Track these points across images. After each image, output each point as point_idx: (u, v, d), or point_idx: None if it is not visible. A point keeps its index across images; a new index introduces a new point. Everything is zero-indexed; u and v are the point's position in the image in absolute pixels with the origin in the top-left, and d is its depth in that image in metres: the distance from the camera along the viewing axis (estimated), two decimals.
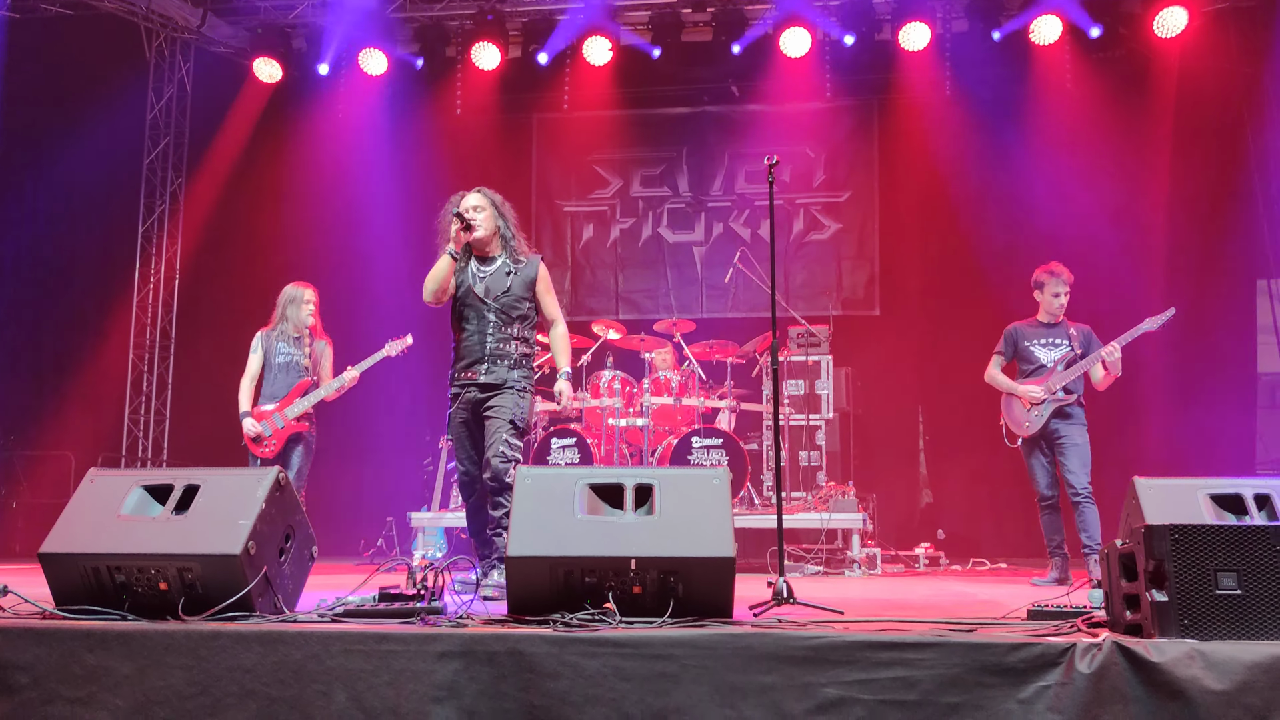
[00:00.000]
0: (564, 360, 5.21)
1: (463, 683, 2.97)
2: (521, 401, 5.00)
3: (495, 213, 5.20)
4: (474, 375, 5.04)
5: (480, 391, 5.02)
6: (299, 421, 6.77)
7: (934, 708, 2.85)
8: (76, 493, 3.72)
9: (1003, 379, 6.74)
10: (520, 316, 5.12)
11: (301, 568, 3.82)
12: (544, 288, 5.22)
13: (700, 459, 7.79)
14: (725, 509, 3.46)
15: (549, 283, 5.26)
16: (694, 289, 10.70)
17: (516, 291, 5.10)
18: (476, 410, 5.04)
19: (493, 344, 5.05)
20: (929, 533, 9.14)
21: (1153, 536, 2.94)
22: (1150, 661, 2.79)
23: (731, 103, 10.74)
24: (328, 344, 7.02)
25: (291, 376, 6.82)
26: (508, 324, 5.08)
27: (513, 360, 5.05)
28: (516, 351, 5.07)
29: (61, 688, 3.07)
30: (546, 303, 5.24)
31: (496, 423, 4.94)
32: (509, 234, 5.20)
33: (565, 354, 5.23)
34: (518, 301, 5.11)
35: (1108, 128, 9.54)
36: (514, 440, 4.93)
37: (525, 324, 5.15)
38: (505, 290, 5.09)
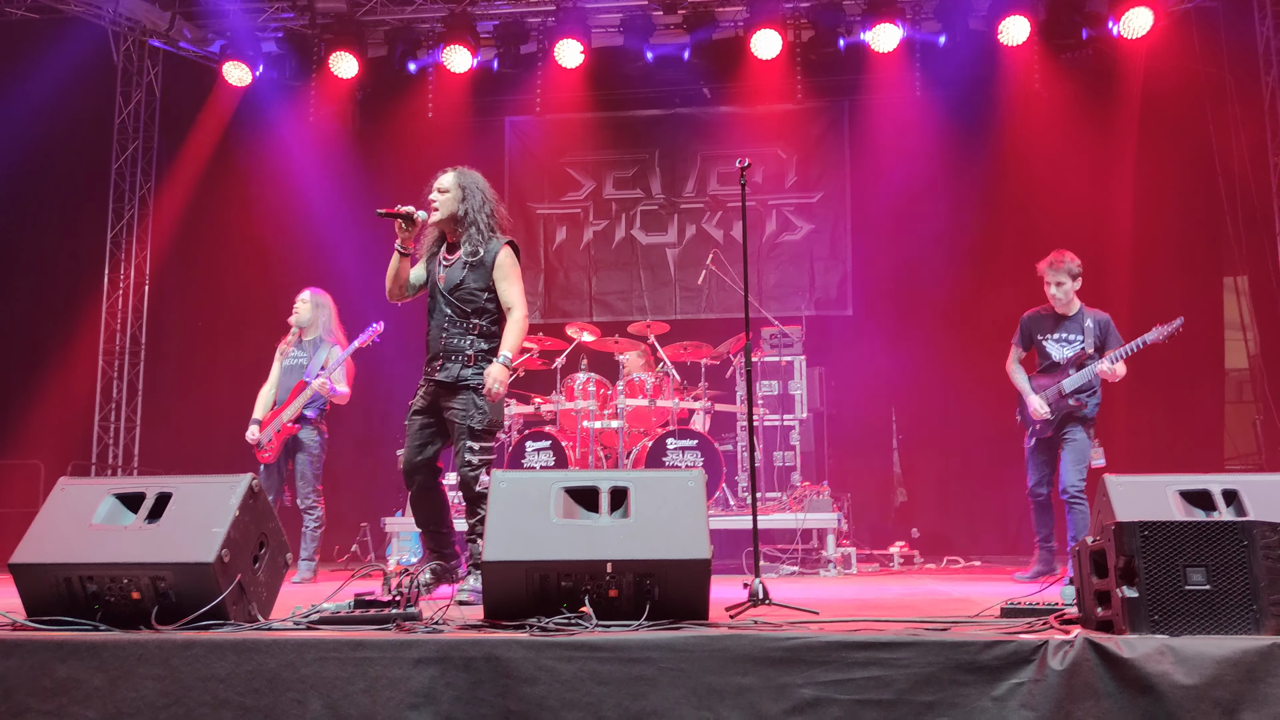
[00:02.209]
0: (505, 344, 4.83)
1: (439, 689, 2.96)
2: (480, 402, 4.76)
3: (461, 196, 4.93)
4: (433, 372, 4.88)
5: (438, 388, 4.86)
6: (293, 423, 6.84)
7: (909, 706, 2.87)
8: (47, 502, 3.68)
9: (1019, 379, 6.60)
10: (477, 310, 4.87)
11: (276, 575, 3.80)
12: (501, 274, 4.89)
13: (675, 460, 7.80)
14: (700, 511, 3.47)
15: (509, 269, 4.91)
16: (667, 290, 10.71)
17: (470, 284, 4.85)
18: (434, 404, 4.88)
19: (446, 339, 4.85)
20: (903, 531, 9.19)
21: (1123, 533, 2.97)
22: (1121, 657, 2.82)
23: (703, 104, 10.77)
24: (336, 347, 7.05)
25: (292, 379, 6.92)
26: (462, 318, 4.85)
27: (467, 357, 4.81)
28: (472, 348, 4.83)
29: (32, 700, 3.04)
30: (503, 289, 4.89)
31: (456, 429, 4.79)
32: (475, 219, 4.91)
33: (509, 339, 4.84)
34: (472, 294, 4.86)
35: (1075, 127, 9.62)
36: (477, 445, 4.76)
37: (485, 317, 4.89)
38: (459, 283, 4.86)
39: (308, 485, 6.89)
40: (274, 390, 7.05)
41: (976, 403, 9.27)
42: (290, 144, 10.64)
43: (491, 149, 11.09)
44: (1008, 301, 8.58)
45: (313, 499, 6.90)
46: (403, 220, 4.87)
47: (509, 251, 4.95)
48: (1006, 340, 6.91)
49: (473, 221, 4.91)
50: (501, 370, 4.76)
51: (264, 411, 6.99)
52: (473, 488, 4.74)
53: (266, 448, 6.87)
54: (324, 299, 7.16)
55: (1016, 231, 9.54)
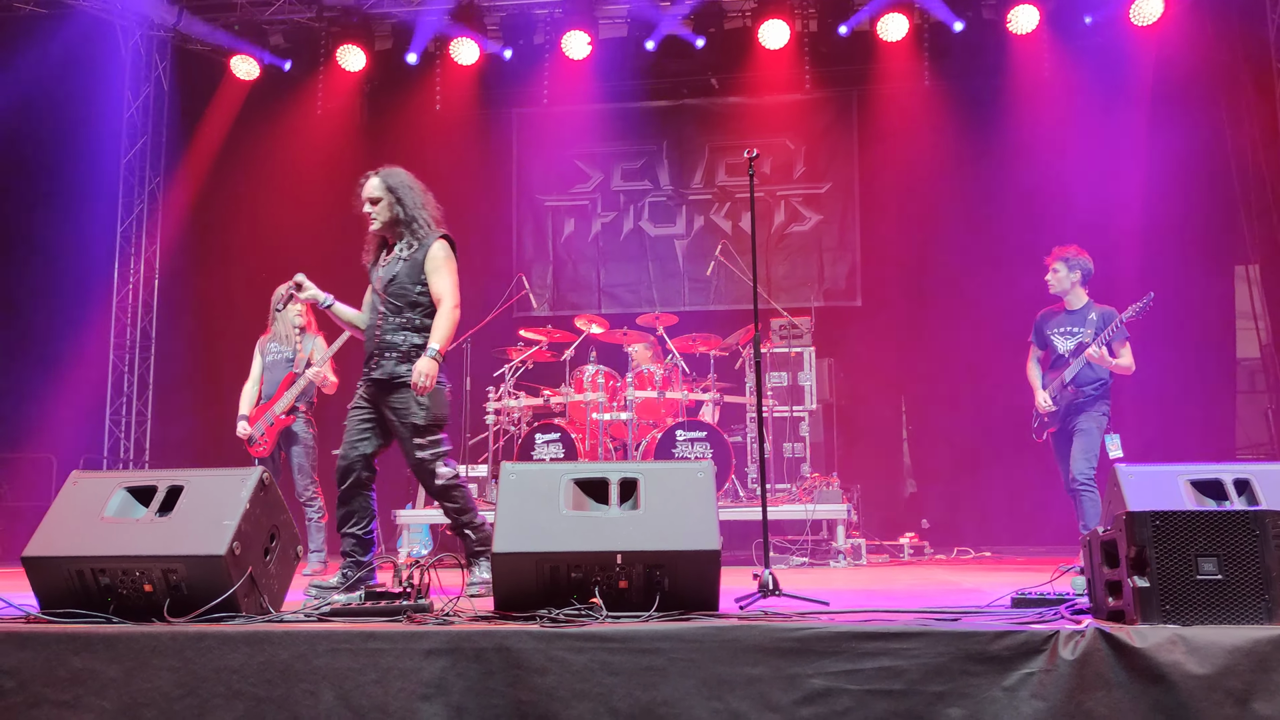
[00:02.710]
0: (434, 336, 4.73)
1: (450, 680, 2.97)
2: (420, 398, 4.67)
3: (394, 199, 4.86)
4: (370, 370, 4.81)
5: (375, 387, 4.79)
6: (287, 415, 6.84)
7: (920, 697, 2.87)
8: (59, 495, 3.70)
9: (1033, 375, 6.70)
10: (410, 304, 4.78)
11: (287, 567, 3.81)
12: (433, 266, 4.79)
13: (684, 452, 7.80)
14: (710, 502, 3.47)
15: (441, 261, 4.80)
16: (676, 282, 10.71)
17: (403, 279, 4.78)
18: (374, 402, 4.81)
19: (380, 335, 4.79)
20: (913, 522, 9.18)
21: (1134, 523, 2.96)
22: (1133, 647, 2.81)
23: (711, 95, 10.75)
24: (319, 338, 7.07)
25: (280, 372, 6.91)
26: (395, 313, 4.78)
27: (401, 353, 4.73)
28: (406, 343, 4.73)
29: (48, 691, 3.06)
30: (434, 282, 4.78)
31: (400, 430, 4.73)
32: (414, 215, 4.85)
33: (438, 330, 4.74)
34: (404, 289, 4.77)
35: (1085, 116, 9.59)
36: (424, 440, 4.70)
37: (420, 312, 4.79)
38: (393, 279, 4.80)
39: (305, 477, 6.90)
40: (257, 386, 7.03)
41: (986, 393, 9.25)
42: (298, 137, 10.65)
43: (499, 141, 11.09)
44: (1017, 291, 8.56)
45: (311, 490, 6.90)
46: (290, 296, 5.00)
47: (443, 244, 4.85)
48: (1015, 329, 6.91)
49: (412, 219, 4.85)
50: (429, 364, 4.66)
51: (249, 408, 6.96)
52: (432, 482, 4.68)
53: (259, 442, 6.87)
54: None
55: (1026, 221, 9.50)
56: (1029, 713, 2.83)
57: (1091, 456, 6.25)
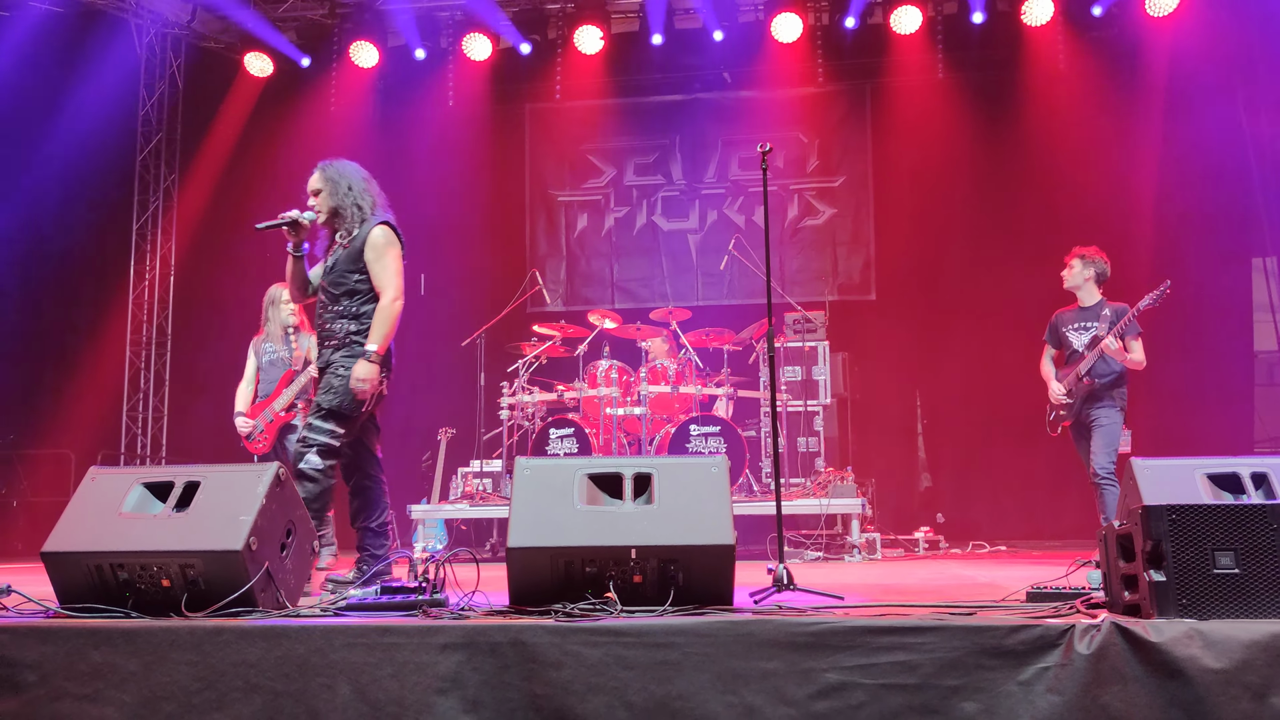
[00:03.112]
0: (372, 335, 4.60)
1: (466, 674, 2.98)
2: (335, 382, 4.59)
3: (331, 190, 4.80)
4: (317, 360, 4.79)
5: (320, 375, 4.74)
6: (287, 412, 6.87)
7: (934, 691, 2.87)
8: (78, 491, 3.72)
9: (1046, 370, 6.78)
10: (347, 291, 4.68)
11: (303, 562, 3.82)
12: (372, 255, 4.67)
13: (698, 447, 7.81)
14: (724, 496, 3.47)
15: (382, 248, 4.69)
16: (689, 277, 10.71)
17: (341, 266, 4.71)
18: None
19: (320, 325, 4.75)
20: (928, 517, 9.17)
21: (1150, 517, 2.95)
22: (1149, 641, 2.80)
23: (724, 89, 10.74)
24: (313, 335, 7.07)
25: (278, 371, 6.94)
26: (333, 301, 4.71)
27: (338, 340, 4.66)
28: (342, 330, 4.66)
29: (68, 685, 3.08)
30: (374, 272, 4.67)
31: (312, 408, 4.67)
32: (343, 206, 4.77)
33: (376, 330, 4.61)
34: (342, 276, 4.69)
35: (1100, 108, 9.55)
36: (317, 423, 4.57)
37: (355, 299, 4.68)
38: (332, 267, 4.75)
39: None
40: (252, 386, 7.05)
41: (1001, 387, 9.22)
42: (311, 133, 10.67)
43: (512, 137, 11.11)
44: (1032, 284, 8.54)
45: None
46: (288, 228, 4.78)
47: (383, 230, 4.73)
48: (1031, 323, 6.90)
49: (342, 206, 4.78)
50: (367, 369, 4.55)
51: (245, 406, 6.99)
52: (297, 464, 4.54)
53: (258, 438, 6.89)
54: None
55: (1041, 214, 9.47)
56: (1044, 707, 2.82)
57: (1111, 450, 6.30)
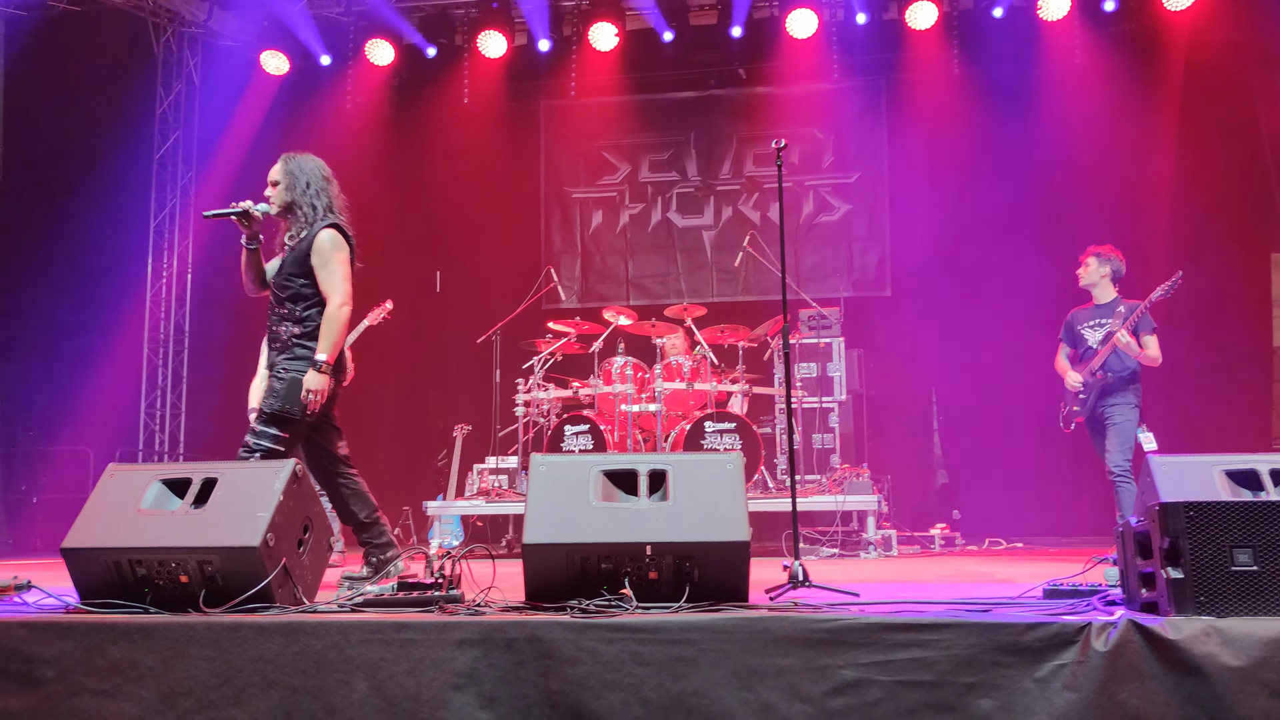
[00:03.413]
0: (320, 344, 4.49)
1: (482, 669, 2.99)
2: (276, 386, 4.51)
3: (289, 184, 4.68)
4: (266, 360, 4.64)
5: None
6: None
7: (951, 688, 2.86)
8: (96, 488, 3.74)
9: (1061, 365, 6.83)
10: (292, 295, 4.57)
11: (320, 558, 3.84)
12: (318, 260, 4.54)
13: (713, 443, 7.80)
14: (739, 493, 3.47)
15: (328, 253, 4.55)
16: (704, 273, 10.70)
17: (287, 269, 4.60)
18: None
19: (268, 325, 4.68)
20: (944, 513, 9.14)
21: (1167, 514, 2.94)
22: (1166, 639, 2.79)
23: (738, 85, 10.72)
24: None
25: None
26: (279, 304, 4.61)
27: (281, 343, 4.58)
28: (286, 334, 4.57)
29: (87, 680, 3.11)
30: (321, 277, 4.54)
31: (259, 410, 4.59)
32: (296, 202, 4.65)
33: (324, 338, 4.49)
34: (287, 279, 4.58)
35: (1117, 103, 9.49)
36: (263, 428, 4.50)
37: (301, 304, 4.57)
38: (279, 269, 4.64)
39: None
40: (264, 383, 7.03)
41: (1018, 383, 9.19)
42: (327, 131, 10.71)
43: (527, 134, 11.12)
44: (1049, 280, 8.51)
45: None
46: (239, 218, 4.62)
47: (330, 234, 4.59)
48: (1047, 318, 6.89)
49: (295, 204, 4.66)
50: (317, 379, 4.45)
51: (258, 402, 6.97)
52: None
53: None
54: None
55: (1057, 209, 9.43)
56: (1061, 704, 2.81)
57: (1126, 448, 6.31)
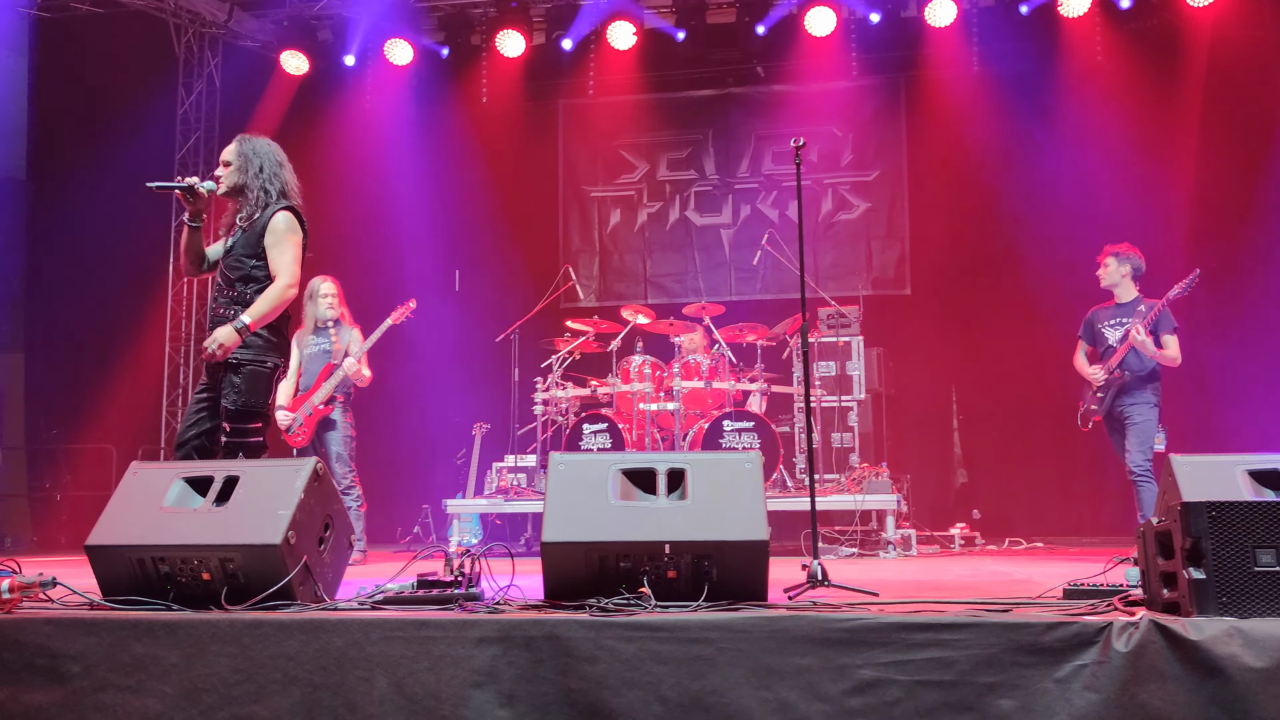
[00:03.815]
0: (252, 309, 4.46)
1: (501, 667, 3.01)
2: (236, 380, 4.45)
3: (242, 165, 4.66)
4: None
5: (211, 363, 4.54)
6: (325, 405, 6.95)
7: (970, 688, 2.86)
8: (120, 486, 3.78)
9: (1079, 363, 6.83)
10: (243, 277, 4.54)
11: (340, 556, 3.87)
12: (271, 240, 4.54)
13: (732, 442, 7.80)
14: (758, 492, 3.47)
15: (282, 234, 4.56)
16: (722, 272, 10.69)
17: (239, 250, 4.56)
18: (211, 379, 4.58)
19: (214, 309, 4.57)
20: (964, 513, 9.11)
21: (1189, 514, 2.92)
22: (1188, 639, 2.78)
23: (757, 84, 10.71)
24: (356, 329, 7.18)
25: (318, 364, 7.02)
26: (228, 286, 4.55)
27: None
28: (236, 318, 4.48)
29: (112, 676, 3.14)
30: (272, 256, 4.54)
31: (222, 406, 4.49)
32: (247, 185, 4.63)
33: (259, 305, 4.47)
34: (239, 261, 4.55)
35: (1138, 100, 9.42)
36: (228, 427, 4.45)
37: (251, 286, 4.54)
38: (229, 250, 4.59)
39: (344, 466, 6.99)
40: (295, 379, 7.14)
41: (1038, 382, 9.14)
42: (347, 131, 10.77)
43: (545, 133, 11.14)
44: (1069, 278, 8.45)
45: (349, 479, 6.98)
46: (184, 193, 4.56)
47: (285, 215, 4.61)
48: (1067, 316, 6.87)
49: (246, 186, 4.64)
50: (228, 333, 4.40)
51: (287, 400, 7.06)
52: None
53: (298, 431, 6.98)
54: (336, 284, 7.26)
55: (1078, 207, 9.38)
56: (1082, 705, 2.80)
57: (1146, 447, 6.33)
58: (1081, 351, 6.84)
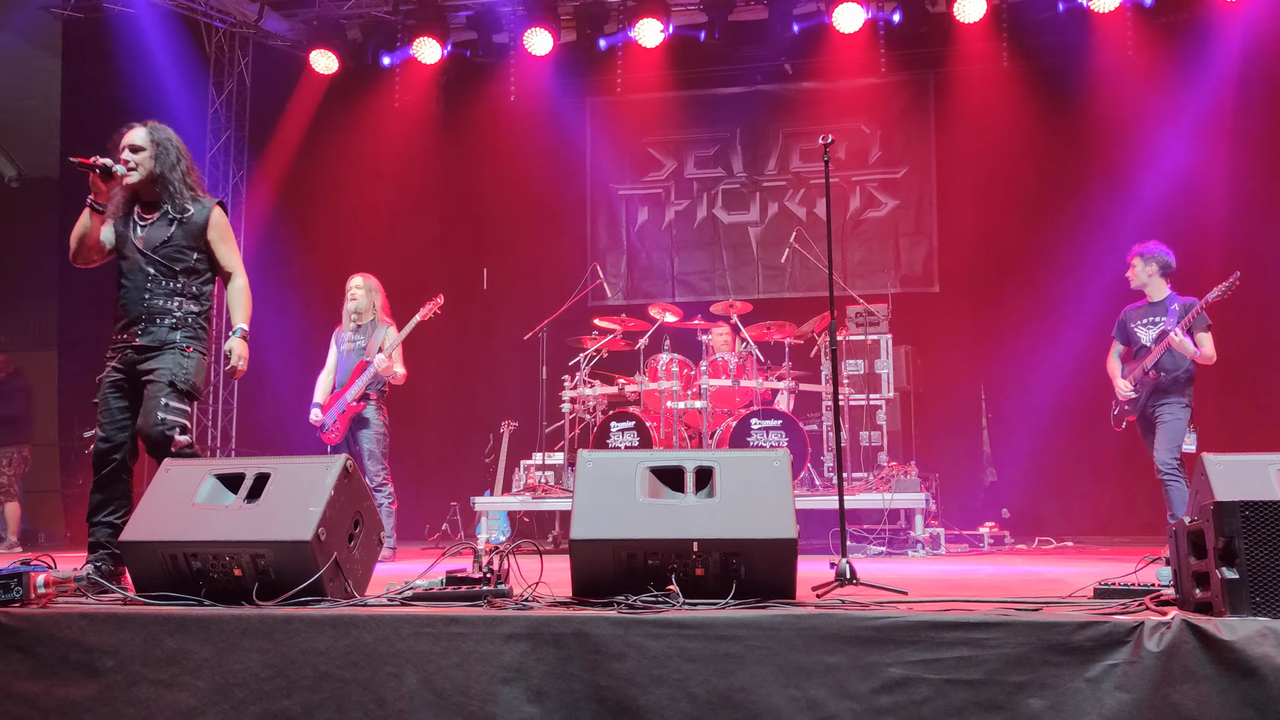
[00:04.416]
0: (239, 315, 4.63)
1: (530, 664, 3.02)
2: (185, 361, 4.45)
3: (156, 153, 4.59)
4: (130, 337, 4.48)
5: (136, 354, 4.47)
6: (358, 402, 6.99)
7: (1000, 687, 2.84)
8: (152, 482, 3.82)
9: (1112, 367, 6.78)
10: (186, 270, 4.53)
11: (370, 553, 3.89)
12: (217, 235, 4.60)
13: (759, 441, 7.79)
14: (786, 490, 3.47)
15: (224, 230, 4.64)
16: (750, 270, 10.67)
17: (179, 241, 4.52)
18: (131, 373, 4.48)
19: (150, 301, 4.48)
20: (993, 512, 9.05)
21: (1223, 513, 2.89)
22: (1221, 640, 2.75)
23: (785, 81, 10.67)
24: (391, 327, 7.23)
25: (353, 361, 7.08)
26: (168, 278, 4.50)
27: (175, 319, 4.49)
28: (181, 310, 4.50)
29: (145, 670, 3.17)
30: (221, 252, 4.63)
31: (154, 387, 4.39)
32: (169, 176, 4.57)
33: (240, 309, 4.64)
34: (180, 252, 4.52)
35: (1171, 95, 9.33)
36: (174, 403, 4.40)
37: (194, 279, 4.57)
38: (165, 240, 4.50)
39: (376, 463, 7.03)
40: (332, 376, 7.22)
41: (1069, 380, 9.08)
42: (376, 130, 10.83)
43: (573, 131, 11.15)
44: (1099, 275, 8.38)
45: (381, 476, 7.02)
46: (99, 173, 4.40)
47: (222, 212, 4.68)
48: (1098, 314, 6.82)
49: (170, 179, 4.58)
50: (243, 345, 4.62)
51: (324, 396, 7.16)
52: (167, 447, 4.35)
53: (331, 429, 7.05)
54: (375, 282, 7.33)
55: (1109, 204, 9.29)
56: (1113, 705, 2.78)
57: (1175, 446, 6.29)
58: (1115, 353, 6.78)
